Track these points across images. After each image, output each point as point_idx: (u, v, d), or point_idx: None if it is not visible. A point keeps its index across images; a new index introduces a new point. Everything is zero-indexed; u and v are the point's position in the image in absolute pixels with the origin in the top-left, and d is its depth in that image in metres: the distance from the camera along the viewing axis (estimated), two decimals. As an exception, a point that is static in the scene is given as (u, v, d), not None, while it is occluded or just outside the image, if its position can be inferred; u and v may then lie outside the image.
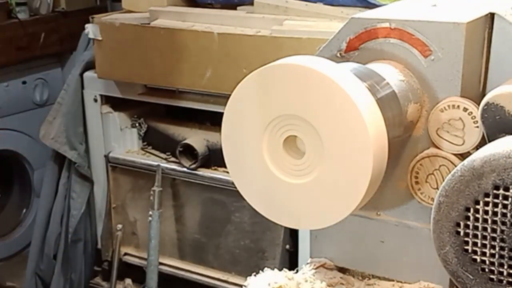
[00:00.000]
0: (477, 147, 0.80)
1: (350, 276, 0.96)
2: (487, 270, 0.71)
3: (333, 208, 0.73)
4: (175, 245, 2.56)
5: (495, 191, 0.68)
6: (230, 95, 0.76)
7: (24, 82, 3.10)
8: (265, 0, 2.24)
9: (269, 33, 2.11)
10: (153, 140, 2.59)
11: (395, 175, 0.88)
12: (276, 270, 0.93)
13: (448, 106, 0.82)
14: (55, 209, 2.71)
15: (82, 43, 2.73)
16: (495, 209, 0.69)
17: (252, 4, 2.28)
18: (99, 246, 2.73)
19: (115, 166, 2.59)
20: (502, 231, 0.69)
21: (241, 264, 2.40)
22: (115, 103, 2.59)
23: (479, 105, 0.78)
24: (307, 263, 0.97)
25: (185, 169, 2.40)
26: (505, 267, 0.70)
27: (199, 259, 2.51)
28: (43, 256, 2.75)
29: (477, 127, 0.80)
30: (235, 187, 0.81)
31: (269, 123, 0.75)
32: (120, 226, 2.62)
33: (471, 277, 0.72)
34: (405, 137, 0.86)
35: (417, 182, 0.86)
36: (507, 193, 0.68)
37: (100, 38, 2.42)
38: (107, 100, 2.59)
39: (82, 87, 2.60)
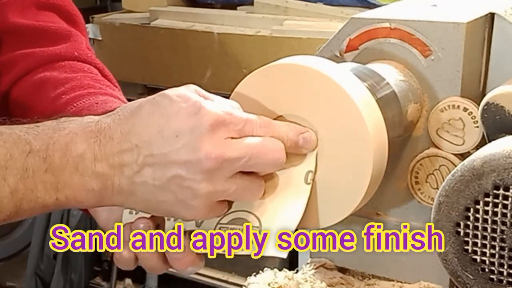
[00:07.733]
0: (477, 147, 0.80)
1: (350, 276, 0.96)
2: (487, 270, 0.71)
3: (333, 208, 0.73)
4: (175, 245, 2.55)
5: (495, 191, 0.68)
6: (230, 95, 0.76)
7: (24, 82, 3.09)
8: (265, 0, 2.24)
9: (269, 33, 2.11)
10: (153, 140, 2.58)
11: (395, 175, 0.87)
12: (276, 270, 0.93)
13: (448, 106, 0.81)
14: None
15: (82, 43, 2.73)
16: (495, 209, 0.69)
17: (252, 4, 2.28)
18: (99, 246, 2.73)
19: (115, 166, 2.58)
20: (502, 231, 0.69)
21: (241, 264, 2.40)
22: (115, 103, 2.59)
23: (479, 105, 0.78)
24: (307, 263, 0.96)
25: (185, 169, 2.39)
26: (505, 267, 0.70)
27: (199, 259, 2.50)
28: (43, 256, 2.74)
29: (477, 127, 0.80)
30: (235, 187, 0.80)
31: (269, 123, 0.75)
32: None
33: (471, 277, 0.72)
34: (405, 137, 0.86)
35: (417, 182, 0.86)
36: (507, 193, 0.68)
37: (100, 38, 2.42)
38: (107, 100, 2.59)
39: (82, 87, 2.59)
